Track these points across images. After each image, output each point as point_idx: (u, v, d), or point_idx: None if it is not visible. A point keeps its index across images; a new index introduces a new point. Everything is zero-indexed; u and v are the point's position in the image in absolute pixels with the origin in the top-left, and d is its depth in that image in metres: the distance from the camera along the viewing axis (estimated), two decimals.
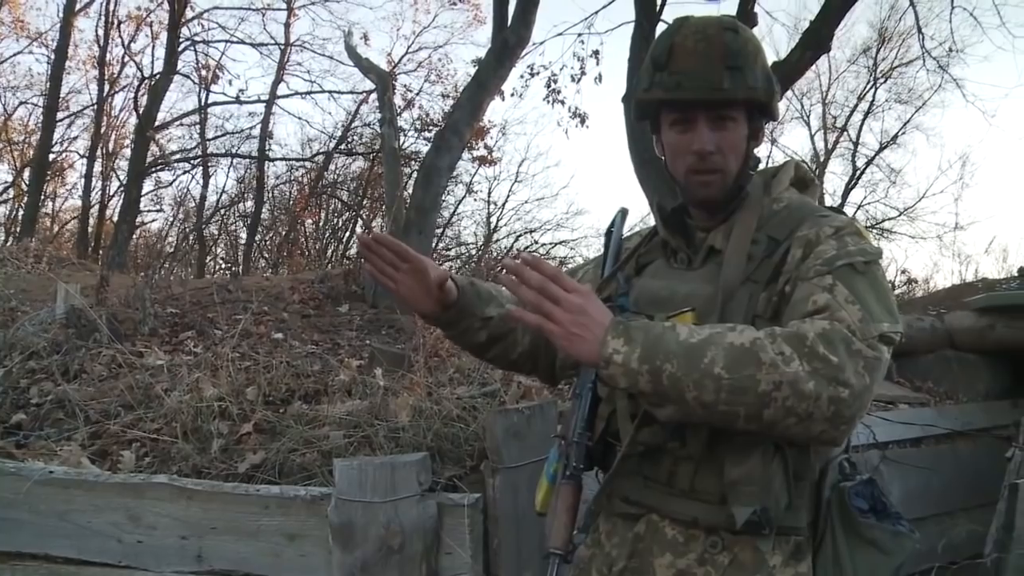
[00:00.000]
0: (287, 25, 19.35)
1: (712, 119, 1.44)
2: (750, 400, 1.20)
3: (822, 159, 21.73)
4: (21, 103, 19.81)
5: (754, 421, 1.22)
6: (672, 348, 1.22)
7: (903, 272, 12.09)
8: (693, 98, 1.44)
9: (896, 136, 20.83)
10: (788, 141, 32.45)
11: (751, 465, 1.34)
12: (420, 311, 1.65)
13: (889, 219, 20.83)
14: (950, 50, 11.66)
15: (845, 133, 21.57)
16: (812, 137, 22.19)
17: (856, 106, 21.23)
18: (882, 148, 20.99)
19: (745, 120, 1.47)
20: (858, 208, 21.01)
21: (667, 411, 1.28)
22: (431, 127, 16.46)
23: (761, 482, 1.34)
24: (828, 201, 19.80)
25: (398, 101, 16.22)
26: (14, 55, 20.37)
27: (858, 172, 21.07)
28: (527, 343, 1.73)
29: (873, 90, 20.70)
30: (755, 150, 1.53)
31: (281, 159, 19.74)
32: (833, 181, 21.87)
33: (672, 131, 1.49)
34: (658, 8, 7.35)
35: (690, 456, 1.41)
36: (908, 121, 20.60)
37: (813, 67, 10.26)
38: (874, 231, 20.20)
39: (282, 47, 19.22)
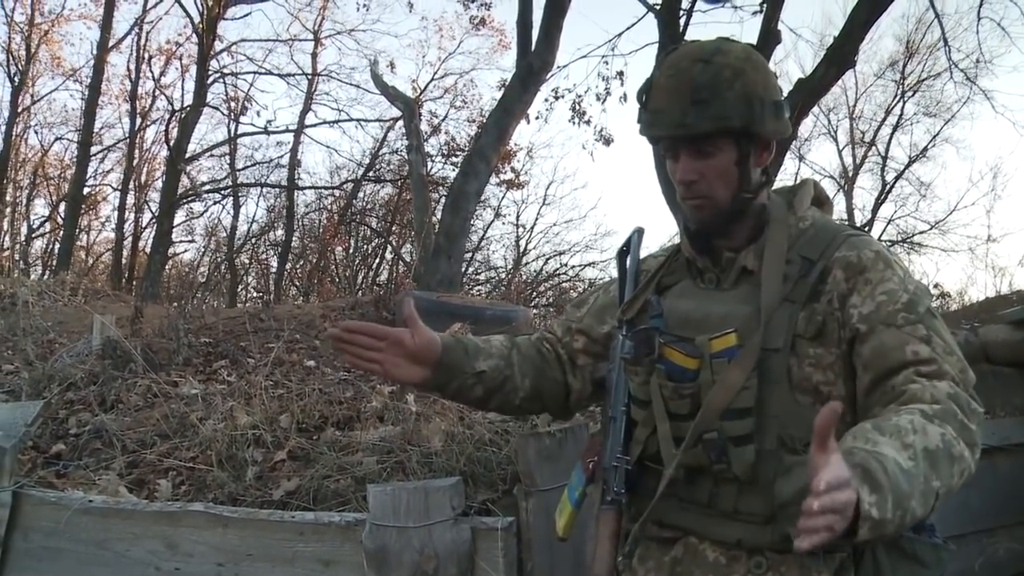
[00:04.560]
0: (314, 55, 19.70)
1: (693, 149, 1.45)
2: (951, 495, 1.21)
3: (851, 174, 21.58)
4: (57, 139, 20.32)
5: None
6: (905, 483, 1.11)
7: (936, 286, 11.92)
8: (662, 135, 1.47)
9: (925, 149, 20.63)
10: (816, 157, 32.31)
11: (803, 486, 1.32)
12: (412, 382, 1.57)
13: (920, 232, 20.58)
14: (978, 61, 11.59)
15: (873, 147, 21.41)
16: (840, 152, 22.04)
17: (884, 120, 21.07)
18: (911, 161, 20.79)
19: (733, 145, 1.46)
20: (888, 222, 20.83)
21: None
22: (458, 152, 16.60)
23: None
24: (858, 216, 19.67)
25: (424, 127, 16.40)
26: (50, 92, 20.88)
27: (887, 186, 20.88)
28: (528, 387, 1.67)
29: (901, 104, 20.56)
30: (756, 169, 1.51)
31: (310, 187, 20.02)
32: (862, 196, 21.71)
33: (668, 159, 1.52)
34: (681, 29, 7.39)
35: (735, 478, 1.39)
36: (937, 134, 20.40)
37: (839, 82, 10.22)
38: (905, 244, 20.01)
39: (309, 77, 19.54)
